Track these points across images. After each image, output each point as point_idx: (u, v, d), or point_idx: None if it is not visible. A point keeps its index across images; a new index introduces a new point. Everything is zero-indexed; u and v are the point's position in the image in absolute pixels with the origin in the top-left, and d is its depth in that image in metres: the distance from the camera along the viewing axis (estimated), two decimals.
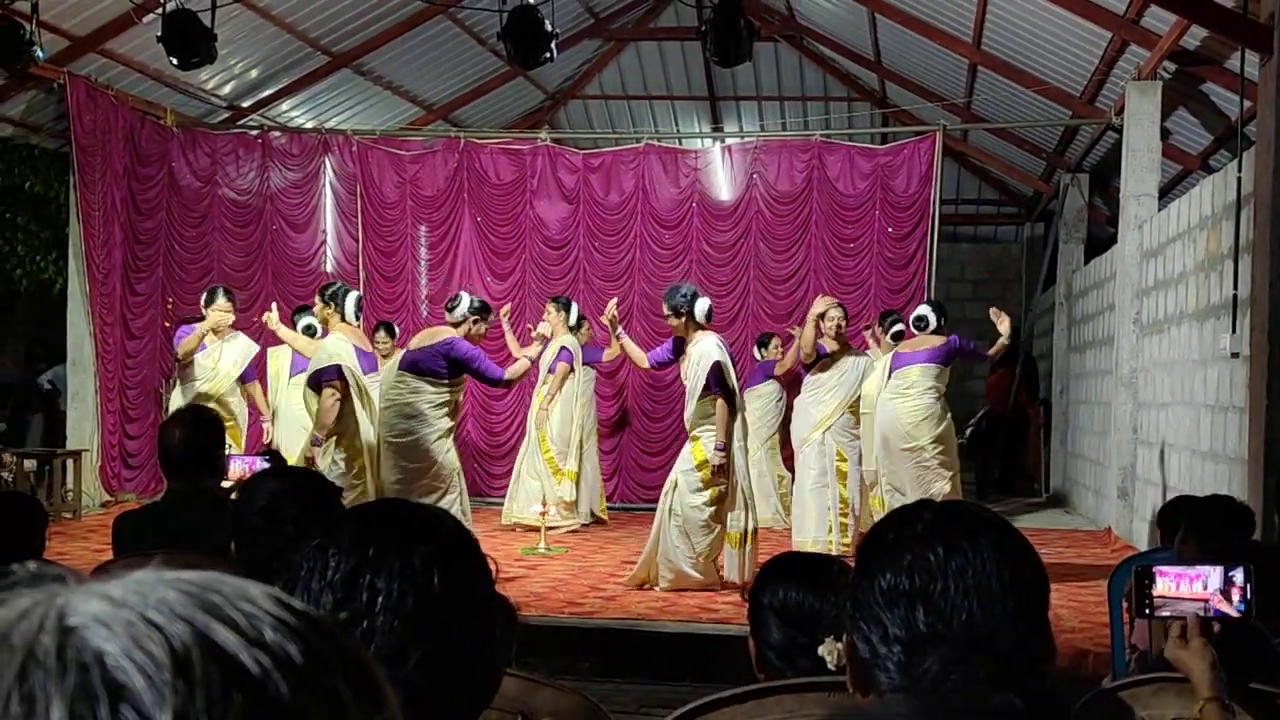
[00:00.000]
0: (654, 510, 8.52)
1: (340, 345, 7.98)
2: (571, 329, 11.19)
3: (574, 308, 11.25)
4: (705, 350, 7.92)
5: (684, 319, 8.04)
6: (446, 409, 8.08)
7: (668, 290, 8.42)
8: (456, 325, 8.25)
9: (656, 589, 8.16)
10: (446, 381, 8.06)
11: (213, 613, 0.55)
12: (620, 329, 8.67)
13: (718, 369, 7.84)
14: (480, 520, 10.31)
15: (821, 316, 9.26)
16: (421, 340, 8.31)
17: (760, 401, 11.59)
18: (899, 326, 10.47)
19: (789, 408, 10.77)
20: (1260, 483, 6.72)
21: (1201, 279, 8.89)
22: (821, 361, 9.46)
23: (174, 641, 0.53)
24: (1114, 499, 11.14)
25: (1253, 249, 7.21)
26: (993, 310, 9.65)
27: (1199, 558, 3.17)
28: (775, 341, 11.95)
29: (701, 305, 8.04)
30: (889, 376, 9.26)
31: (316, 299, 8.45)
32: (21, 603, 0.55)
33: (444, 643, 1.44)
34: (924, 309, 9.52)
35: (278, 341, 10.12)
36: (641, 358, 8.72)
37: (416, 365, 8.07)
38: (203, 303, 9.87)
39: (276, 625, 0.56)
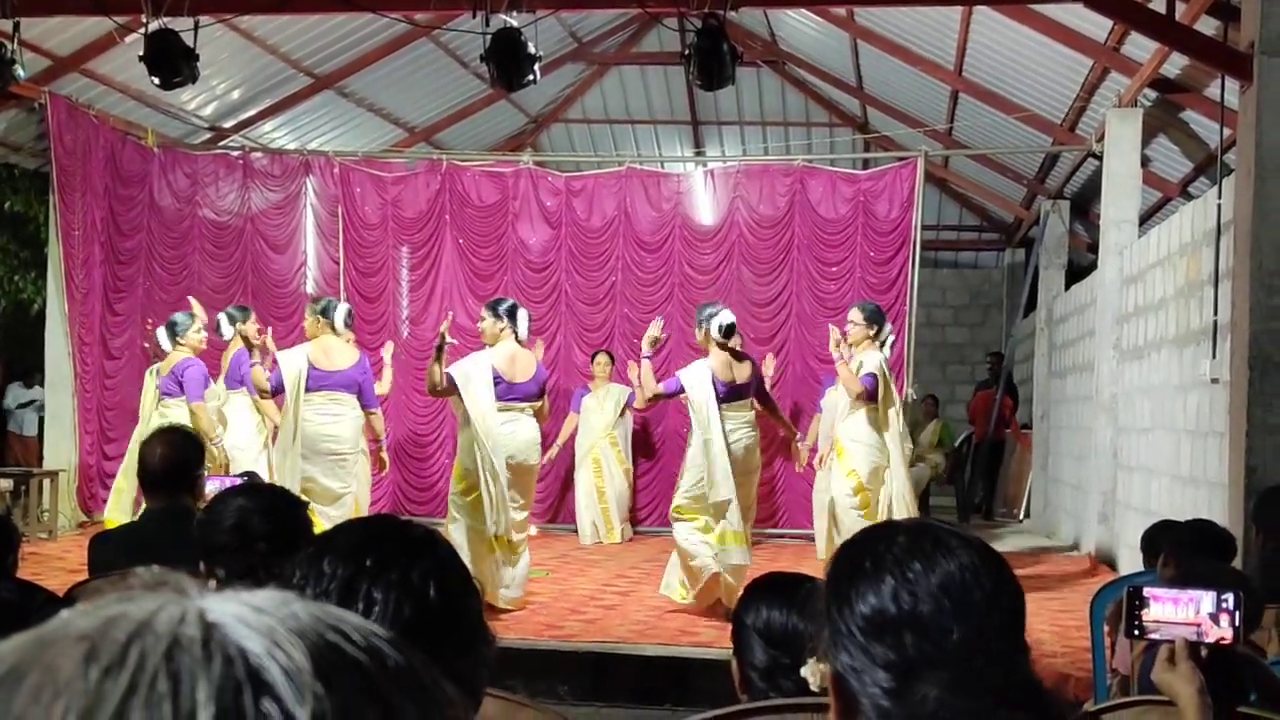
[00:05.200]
0: None
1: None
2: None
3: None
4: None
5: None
6: None
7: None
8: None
9: None
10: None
11: (340, 630, 0.58)
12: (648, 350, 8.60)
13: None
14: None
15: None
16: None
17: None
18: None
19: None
20: (1241, 507, 6.73)
21: (1181, 305, 8.92)
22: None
23: (313, 649, 0.55)
24: (1094, 524, 11.16)
25: (1232, 275, 7.24)
26: None
27: (1180, 582, 3.16)
28: (602, 358, 12.20)
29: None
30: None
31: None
32: (152, 601, 0.57)
33: (435, 657, 1.43)
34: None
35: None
36: (653, 387, 8.56)
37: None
38: (230, 323, 9.98)
39: (393, 644, 0.60)
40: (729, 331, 8.24)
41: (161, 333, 9.73)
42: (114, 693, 0.51)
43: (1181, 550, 4.49)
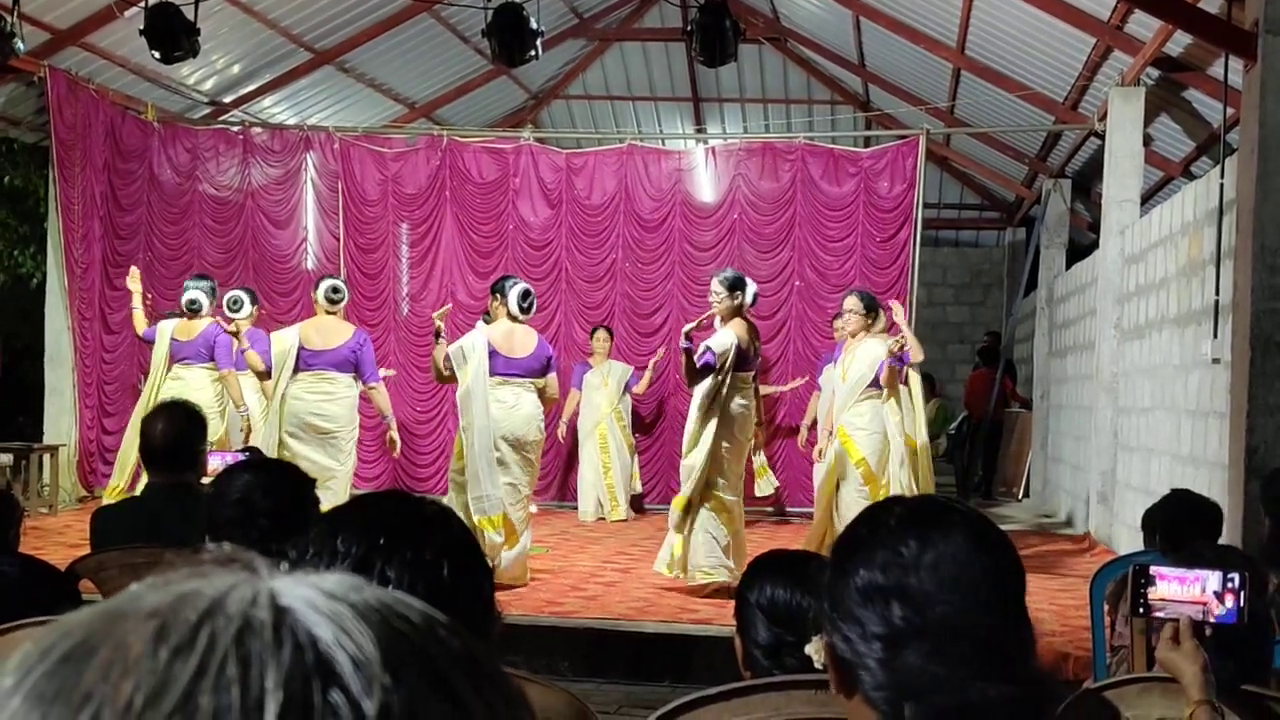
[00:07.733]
0: None
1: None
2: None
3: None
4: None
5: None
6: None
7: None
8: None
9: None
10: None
11: (408, 619, 0.58)
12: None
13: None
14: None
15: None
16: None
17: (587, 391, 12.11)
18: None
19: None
20: (1241, 488, 6.73)
21: (1183, 285, 8.91)
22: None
23: (382, 639, 0.55)
24: (1094, 503, 11.17)
25: (1234, 255, 7.23)
26: None
27: (1187, 560, 3.16)
28: (601, 334, 12.23)
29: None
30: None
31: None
32: (225, 579, 0.57)
33: None
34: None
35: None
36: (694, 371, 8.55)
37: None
38: (235, 305, 9.89)
39: (456, 631, 0.59)
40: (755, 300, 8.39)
41: (205, 299, 9.75)
42: (183, 674, 0.51)
43: (1169, 532, 4.49)
